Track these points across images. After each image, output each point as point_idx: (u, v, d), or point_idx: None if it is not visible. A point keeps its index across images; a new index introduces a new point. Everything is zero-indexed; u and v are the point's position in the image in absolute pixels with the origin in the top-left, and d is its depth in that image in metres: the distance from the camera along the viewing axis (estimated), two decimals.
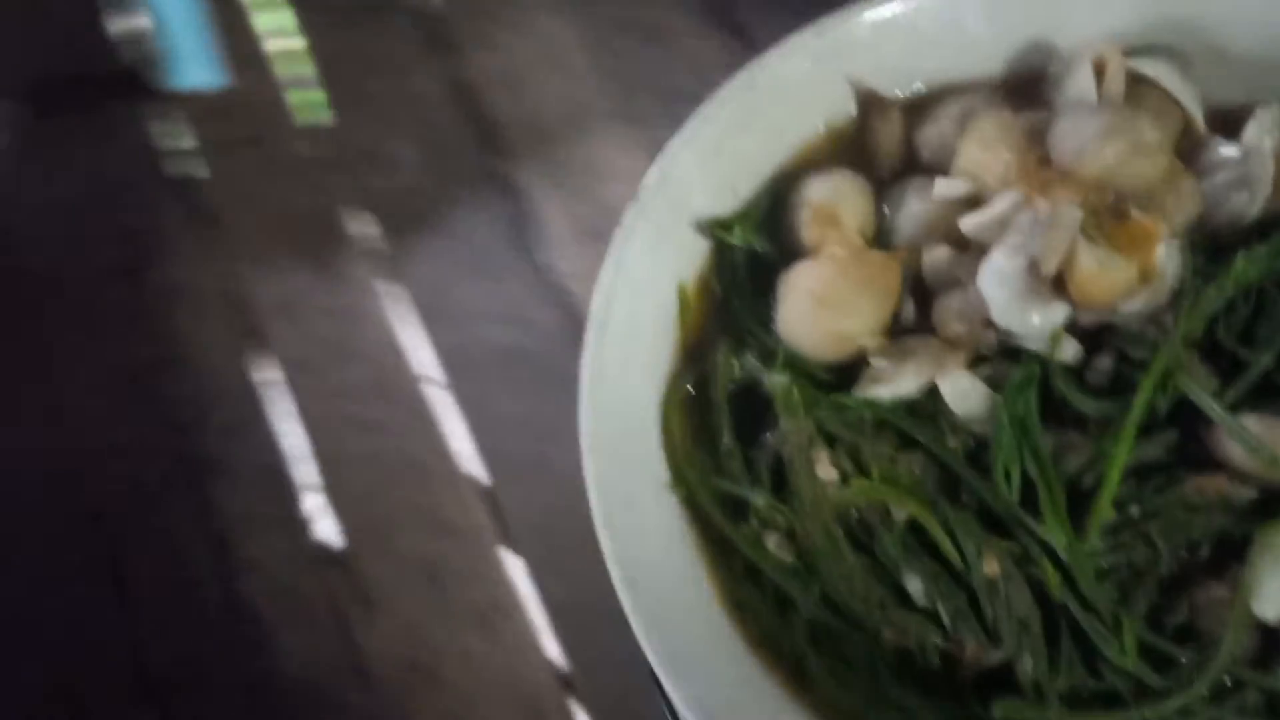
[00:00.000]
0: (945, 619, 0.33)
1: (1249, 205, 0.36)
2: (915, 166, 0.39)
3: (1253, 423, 0.33)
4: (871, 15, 0.39)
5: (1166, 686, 0.32)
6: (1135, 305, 0.35)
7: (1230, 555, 0.33)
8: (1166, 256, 0.35)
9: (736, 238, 0.38)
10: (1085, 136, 0.36)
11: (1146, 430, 0.34)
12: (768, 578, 0.34)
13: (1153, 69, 0.38)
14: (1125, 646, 0.32)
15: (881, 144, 0.40)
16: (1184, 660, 0.32)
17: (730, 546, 0.35)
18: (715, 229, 0.38)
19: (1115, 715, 0.31)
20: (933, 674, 0.33)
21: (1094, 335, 0.36)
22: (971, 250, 0.36)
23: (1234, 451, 0.33)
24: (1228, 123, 0.39)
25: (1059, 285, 0.34)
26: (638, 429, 0.35)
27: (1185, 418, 0.34)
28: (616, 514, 0.33)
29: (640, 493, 0.35)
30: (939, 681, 0.33)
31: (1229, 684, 0.32)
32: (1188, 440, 0.34)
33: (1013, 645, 0.32)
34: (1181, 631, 0.33)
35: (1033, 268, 0.34)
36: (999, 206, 0.36)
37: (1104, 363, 0.35)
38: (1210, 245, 0.36)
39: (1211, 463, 0.34)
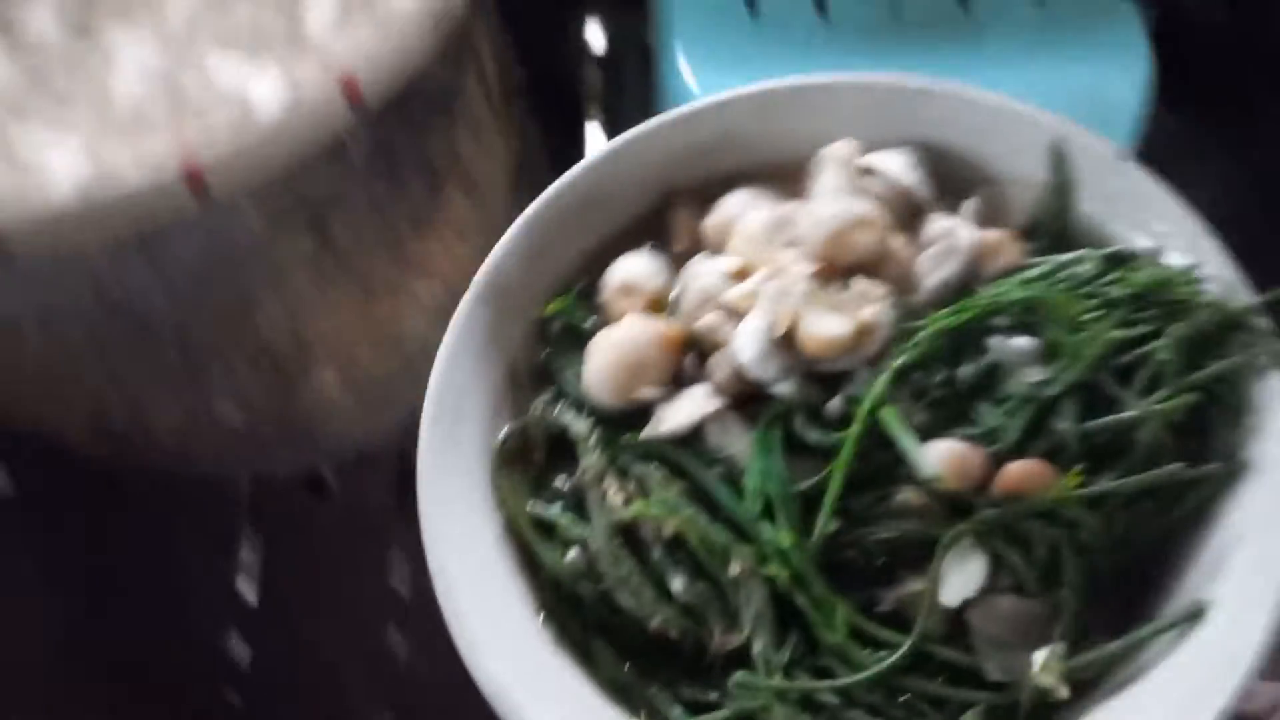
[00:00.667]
0: (699, 611, 0.42)
1: (955, 271, 0.44)
2: (703, 247, 0.49)
3: (945, 446, 0.41)
4: (670, 123, 0.48)
5: (869, 660, 0.40)
6: (859, 355, 0.43)
7: (927, 554, 0.41)
8: (882, 315, 0.43)
9: (554, 314, 0.47)
10: (818, 219, 0.45)
11: (866, 455, 0.42)
12: (565, 582, 0.43)
13: (884, 161, 0.47)
14: (837, 628, 0.40)
15: (677, 229, 0.49)
16: (887, 639, 0.40)
17: (538, 560, 0.44)
18: (541, 308, 0.48)
19: (824, 682, 0.40)
20: (689, 655, 0.42)
21: (833, 380, 0.44)
22: (735, 317, 0.45)
23: (937, 469, 0.41)
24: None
25: (793, 342, 0.43)
26: (469, 470, 0.45)
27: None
28: (456, 551, 0.42)
29: (475, 527, 0.44)
30: (693, 661, 0.42)
31: (922, 657, 0.40)
32: (898, 461, 0.42)
33: (750, 629, 0.41)
34: (889, 617, 0.41)
35: (773, 329, 0.43)
36: (752, 282, 0.45)
37: (836, 403, 0.43)
38: (927, 304, 0.45)
39: (914, 479, 0.42)
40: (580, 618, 0.43)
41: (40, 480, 0.64)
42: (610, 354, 0.45)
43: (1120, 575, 0.42)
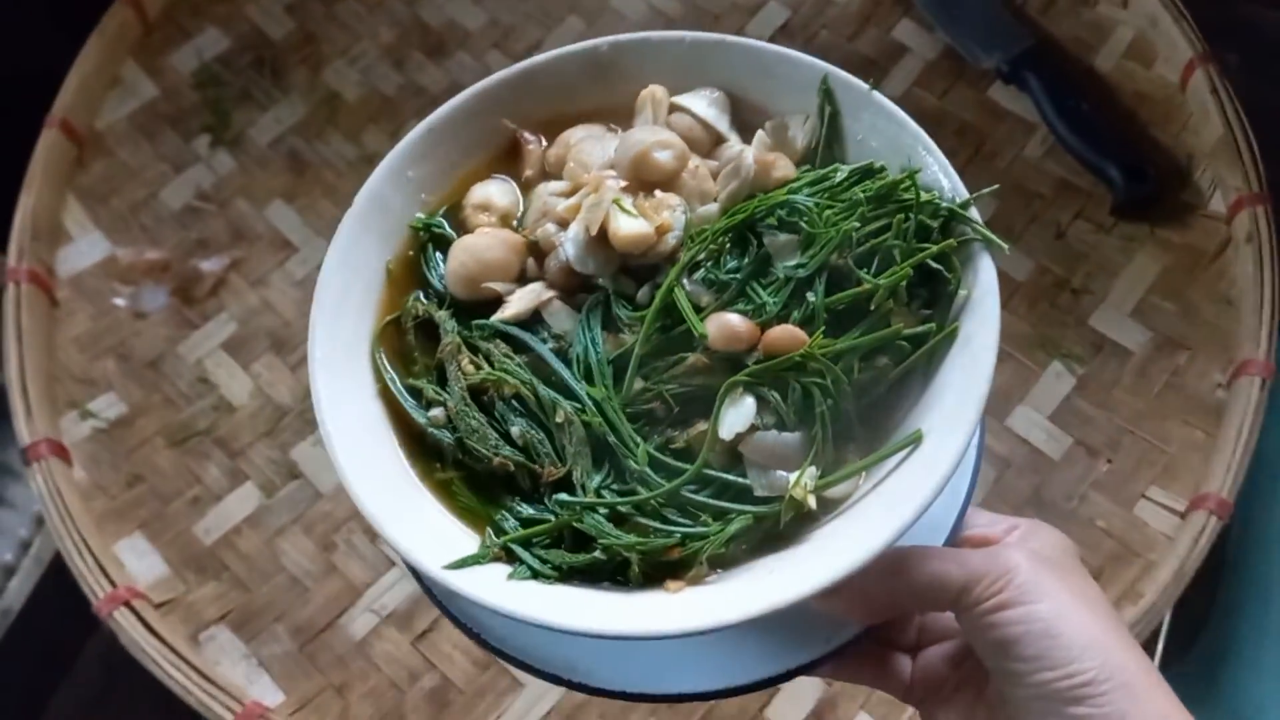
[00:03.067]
0: (533, 449, 0.52)
1: (740, 184, 0.55)
2: (545, 174, 0.59)
3: (717, 317, 0.52)
4: (512, 75, 0.59)
5: (663, 482, 0.51)
6: (661, 251, 0.54)
7: (711, 403, 0.52)
8: (677, 217, 0.54)
9: (421, 226, 0.58)
10: (628, 144, 0.55)
11: (666, 329, 0.53)
12: (430, 434, 0.54)
13: (688, 101, 0.58)
14: (640, 460, 0.51)
15: (525, 159, 0.60)
16: (678, 467, 0.51)
17: (408, 417, 0.54)
18: (411, 222, 0.58)
19: (623, 498, 0.51)
20: (525, 486, 0.53)
21: (645, 273, 0.55)
22: (564, 225, 0.56)
23: (711, 335, 0.52)
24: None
25: (607, 241, 0.54)
26: (353, 352, 0.55)
27: None
28: (336, 406, 0.53)
29: (354, 391, 0.54)
30: (529, 490, 0.53)
31: (705, 479, 0.51)
32: (689, 333, 0.53)
33: (571, 462, 0.52)
34: (683, 452, 0.52)
35: (588, 231, 0.54)
36: (576, 197, 0.56)
37: (645, 291, 0.54)
38: (720, 211, 0.56)
39: (702, 345, 0.53)
40: (440, 461, 0.54)
41: None
42: (465, 256, 0.56)
43: (868, 416, 0.53)
